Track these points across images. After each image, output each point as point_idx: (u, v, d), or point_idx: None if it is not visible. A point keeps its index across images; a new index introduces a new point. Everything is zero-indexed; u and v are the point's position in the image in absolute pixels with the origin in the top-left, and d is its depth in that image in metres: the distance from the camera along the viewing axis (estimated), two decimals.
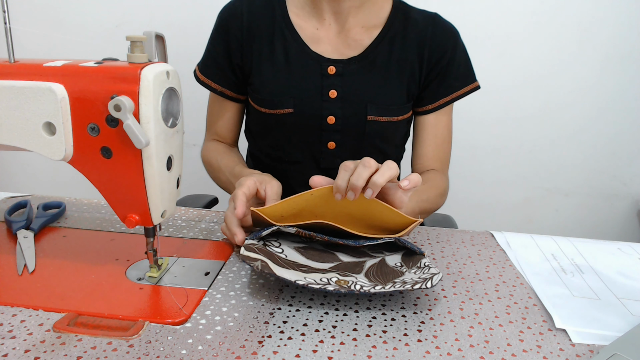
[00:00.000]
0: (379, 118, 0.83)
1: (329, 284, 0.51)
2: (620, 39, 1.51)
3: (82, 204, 0.77)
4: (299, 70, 0.82)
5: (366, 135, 0.84)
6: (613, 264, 0.65)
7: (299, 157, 0.87)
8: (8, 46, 0.49)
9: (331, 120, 0.83)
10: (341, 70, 0.82)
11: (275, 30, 0.83)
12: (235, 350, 0.44)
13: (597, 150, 1.64)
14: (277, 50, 0.83)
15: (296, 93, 0.82)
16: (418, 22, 0.84)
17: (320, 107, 0.82)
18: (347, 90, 0.82)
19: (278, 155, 0.89)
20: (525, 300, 0.55)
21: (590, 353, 0.46)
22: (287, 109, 0.82)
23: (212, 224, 0.72)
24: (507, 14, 1.51)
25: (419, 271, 0.54)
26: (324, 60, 0.82)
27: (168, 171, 0.50)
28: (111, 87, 0.45)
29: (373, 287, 0.51)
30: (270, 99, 0.83)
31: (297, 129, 0.84)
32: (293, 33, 0.83)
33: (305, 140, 0.85)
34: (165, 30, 0.53)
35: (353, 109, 0.82)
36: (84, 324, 0.46)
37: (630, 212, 1.72)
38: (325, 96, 0.82)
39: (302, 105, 0.82)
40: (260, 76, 0.84)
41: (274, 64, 0.83)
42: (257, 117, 0.87)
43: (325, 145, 0.85)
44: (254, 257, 0.52)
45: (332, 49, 0.83)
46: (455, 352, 0.45)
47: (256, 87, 0.84)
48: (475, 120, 1.58)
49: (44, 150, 0.48)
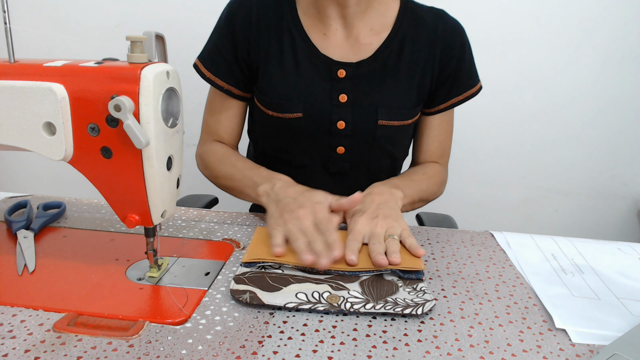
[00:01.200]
0: (390, 122, 0.81)
1: (319, 302, 0.51)
2: (620, 40, 1.52)
3: (82, 204, 0.77)
4: (308, 74, 0.80)
5: (376, 139, 0.82)
6: (613, 264, 0.65)
7: (306, 161, 0.85)
8: (8, 46, 0.49)
9: (341, 125, 0.80)
10: (351, 74, 0.79)
11: (284, 30, 0.80)
12: (235, 350, 0.44)
13: (597, 150, 1.64)
14: (286, 51, 0.80)
15: (305, 97, 0.79)
16: (427, 22, 0.82)
17: (330, 112, 0.80)
18: (358, 94, 0.80)
19: (284, 158, 0.86)
20: (525, 300, 0.55)
21: (590, 353, 0.46)
22: (296, 114, 0.80)
23: (212, 224, 0.72)
24: (507, 14, 1.51)
25: (413, 292, 0.54)
26: (333, 64, 0.79)
27: (168, 171, 0.50)
28: (111, 87, 0.45)
29: (364, 306, 0.50)
30: (279, 102, 0.80)
31: (306, 134, 0.82)
32: (302, 34, 0.80)
33: (314, 144, 0.83)
34: (165, 30, 0.53)
35: (364, 113, 0.80)
36: (84, 324, 0.46)
37: (630, 212, 1.72)
38: (335, 100, 0.80)
39: (311, 110, 0.80)
40: (268, 77, 0.81)
41: (282, 66, 0.80)
42: (263, 118, 0.85)
43: (334, 150, 0.83)
44: (242, 289, 0.52)
45: (340, 52, 0.80)
46: (455, 352, 0.45)
47: (263, 88, 0.81)
48: (476, 120, 1.58)
49: (44, 150, 0.48)
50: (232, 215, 0.76)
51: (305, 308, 0.50)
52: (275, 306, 0.50)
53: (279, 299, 0.51)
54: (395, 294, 0.53)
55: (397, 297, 0.52)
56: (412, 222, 0.98)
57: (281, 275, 0.56)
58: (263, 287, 0.53)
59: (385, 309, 0.50)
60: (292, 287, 0.54)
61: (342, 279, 0.56)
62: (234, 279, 0.54)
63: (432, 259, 0.64)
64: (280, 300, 0.50)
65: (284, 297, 0.51)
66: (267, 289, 0.53)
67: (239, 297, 0.51)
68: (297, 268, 0.58)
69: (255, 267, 0.58)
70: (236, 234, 0.68)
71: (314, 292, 0.52)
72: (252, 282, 0.54)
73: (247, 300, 0.50)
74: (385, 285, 0.55)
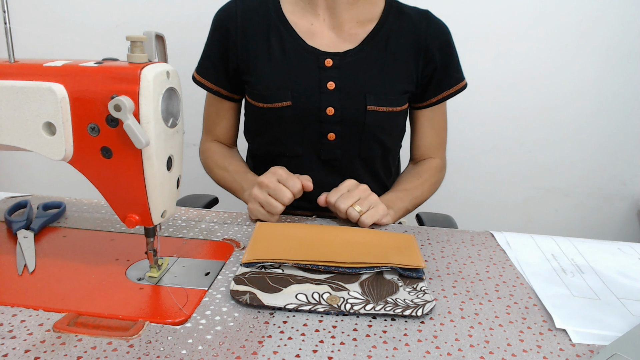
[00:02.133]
0: (379, 108, 0.84)
1: (319, 303, 0.51)
2: (620, 39, 1.51)
3: (82, 204, 0.77)
4: (295, 64, 0.83)
5: (366, 125, 0.85)
6: (613, 264, 0.65)
7: (299, 150, 0.87)
8: (8, 46, 0.49)
9: (330, 111, 0.83)
10: (338, 63, 0.83)
11: (270, 27, 0.84)
12: (235, 350, 0.44)
13: (596, 150, 1.64)
14: (274, 46, 0.84)
15: (294, 86, 0.83)
16: (412, 17, 0.87)
17: (319, 99, 0.83)
18: (345, 81, 0.83)
19: (278, 151, 0.89)
20: (525, 300, 0.55)
21: (590, 353, 0.46)
22: (285, 102, 0.83)
23: (212, 224, 0.72)
24: (506, 12, 1.51)
25: (414, 292, 0.54)
26: (320, 54, 0.83)
27: (168, 171, 0.50)
28: (111, 87, 0.45)
29: (364, 307, 0.50)
30: (268, 93, 0.84)
31: (296, 122, 0.85)
32: (288, 28, 0.84)
33: (305, 132, 0.86)
34: (165, 30, 0.53)
35: (352, 99, 0.83)
36: (84, 324, 0.46)
37: (630, 212, 1.72)
38: (323, 88, 0.83)
39: (300, 97, 0.83)
40: (257, 72, 0.85)
41: (270, 59, 0.84)
42: (255, 113, 0.88)
43: (325, 137, 0.85)
44: (242, 290, 0.52)
45: (327, 42, 0.84)
46: (455, 352, 0.45)
47: (253, 83, 0.85)
48: (476, 120, 1.58)
49: (44, 150, 0.48)
50: (232, 215, 0.76)
51: (305, 309, 0.50)
52: (275, 307, 0.50)
53: (278, 300, 0.51)
54: (395, 294, 0.53)
55: (397, 298, 0.52)
56: (412, 222, 0.99)
57: (281, 275, 0.56)
58: (263, 288, 0.53)
59: (385, 310, 0.50)
60: (292, 287, 0.53)
61: (342, 279, 0.56)
62: (234, 279, 0.54)
63: (432, 259, 0.64)
64: (280, 301, 0.50)
65: (283, 299, 0.51)
66: (267, 290, 0.53)
67: (239, 298, 0.51)
68: (297, 266, 0.58)
69: (255, 266, 0.58)
70: (236, 234, 0.68)
71: (314, 293, 0.52)
72: (252, 282, 0.54)
73: (247, 302, 0.50)
74: (385, 285, 0.55)
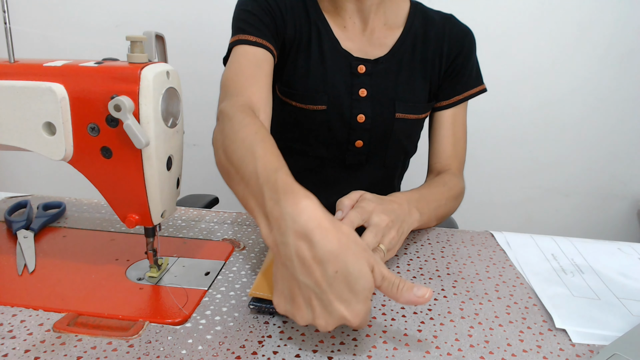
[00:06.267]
0: (407, 115, 0.84)
1: None
2: (619, 38, 1.52)
3: (82, 204, 0.77)
4: (331, 67, 0.81)
5: (393, 133, 0.85)
6: (613, 264, 0.65)
7: (323, 152, 0.86)
8: (8, 46, 0.49)
9: (361, 118, 0.83)
10: (370, 70, 0.82)
11: (311, 21, 0.81)
12: (235, 350, 0.44)
13: (596, 150, 1.65)
14: (313, 42, 0.81)
15: (330, 90, 0.81)
16: (436, 21, 0.85)
17: (351, 105, 0.82)
18: (377, 89, 0.82)
19: (301, 149, 0.87)
20: (525, 300, 0.55)
21: (590, 353, 0.46)
22: (320, 106, 0.82)
23: (212, 224, 0.72)
24: (506, 13, 1.51)
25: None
26: (353, 59, 0.82)
27: (168, 171, 0.50)
28: (111, 87, 0.45)
29: None
30: (304, 93, 0.82)
31: (327, 126, 0.83)
32: (326, 27, 0.82)
33: (334, 137, 0.85)
34: (165, 30, 0.53)
35: (382, 107, 0.83)
36: (84, 324, 0.46)
37: (630, 212, 1.72)
38: (355, 95, 0.82)
39: (335, 103, 0.82)
40: (294, 67, 0.82)
41: (309, 57, 0.81)
42: (284, 108, 0.85)
43: (352, 143, 0.85)
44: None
45: (358, 47, 0.82)
46: (455, 352, 0.45)
47: (288, 77, 0.82)
48: (475, 120, 1.57)
49: (44, 150, 0.48)
50: (232, 215, 0.76)
51: None
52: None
53: None
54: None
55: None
56: None
57: None
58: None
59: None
60: None
61: None
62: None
63: (432, 259, 0.64)
64: None
65: None
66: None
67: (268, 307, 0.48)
68: None
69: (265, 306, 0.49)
70: (236, 234, 0.68)
71: None
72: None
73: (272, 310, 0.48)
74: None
